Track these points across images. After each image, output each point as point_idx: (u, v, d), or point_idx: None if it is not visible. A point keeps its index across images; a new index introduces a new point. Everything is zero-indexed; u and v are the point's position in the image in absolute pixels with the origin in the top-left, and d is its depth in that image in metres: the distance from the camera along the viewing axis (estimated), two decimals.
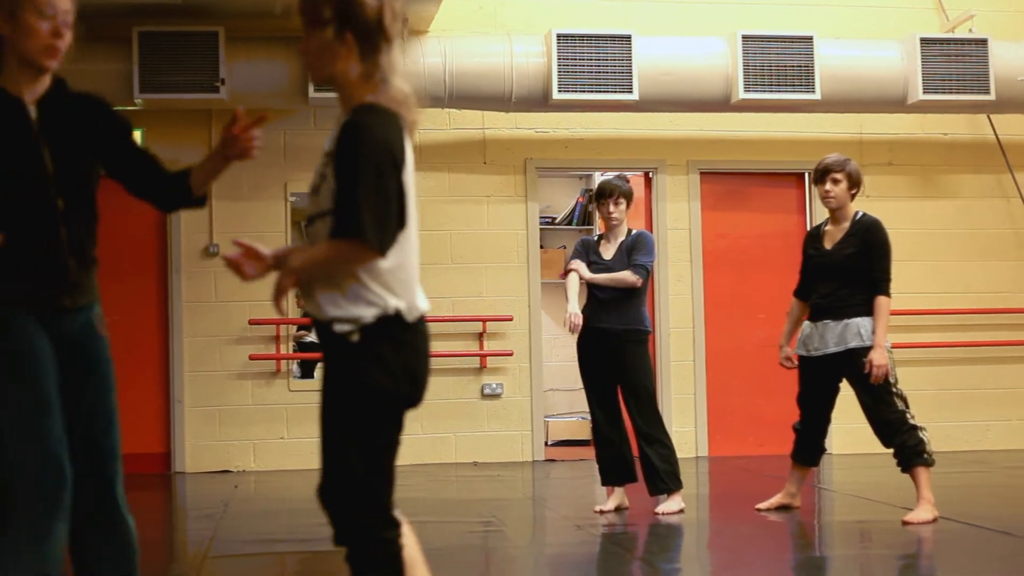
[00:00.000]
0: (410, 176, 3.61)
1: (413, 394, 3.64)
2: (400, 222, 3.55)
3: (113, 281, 11.48)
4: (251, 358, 11.55)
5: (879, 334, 7.65)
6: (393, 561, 3.63)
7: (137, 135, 11.58)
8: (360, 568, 3.61)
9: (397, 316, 3.55)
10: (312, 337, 12.22)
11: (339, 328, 3.52)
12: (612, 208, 8.30)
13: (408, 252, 3.60)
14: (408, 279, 3.60)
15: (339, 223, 3.48)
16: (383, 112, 3.57)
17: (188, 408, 11.53)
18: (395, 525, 3.65)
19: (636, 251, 8.26)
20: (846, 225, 7.94)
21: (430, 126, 11.85)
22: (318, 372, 12.11)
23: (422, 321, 3.64)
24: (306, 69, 3.77)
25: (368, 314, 3.52)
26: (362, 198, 3.45)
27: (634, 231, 8.43)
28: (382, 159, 3.49)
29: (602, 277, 8.27)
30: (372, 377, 3.52)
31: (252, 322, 11.55)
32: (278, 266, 3.63)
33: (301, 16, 3.65)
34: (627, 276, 8.21)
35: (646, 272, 8.24)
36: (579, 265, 8.33)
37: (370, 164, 3.47)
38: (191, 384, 11.55)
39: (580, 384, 8.65)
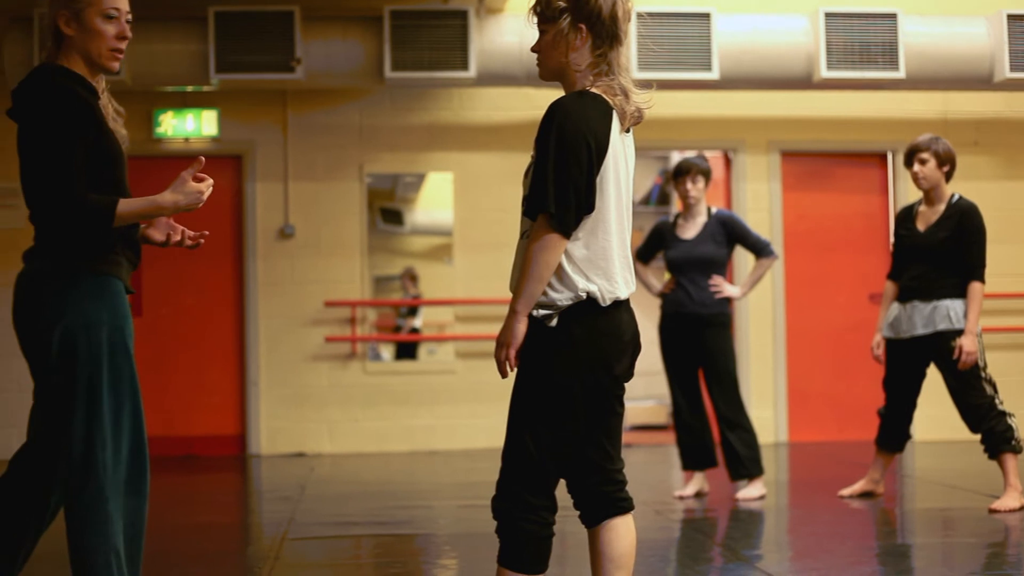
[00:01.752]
0: (614, 165, 3.72)
1: (604, 378, 3.73)
2: (584, 207, 3.66)
3: (189, 263, 11.52)
4: (327, 340, 11.52)
5: (971, 320, 7.47)
6: (523, 548, 3.79)
7: (213, 114, 11.61)
8: (500, 552, 3.81)
9: (591, 301, 3.68)
10: (413, 322, 12.19)
11: (537, 313, 3.67)
12: (690, 186, 8.17)
13: (606, 237, 3.71)
14: (606, 266, 3.70)
15: (529, 202, 3.70)
16: (591, 97, 3.72)
17: (263, 390, 11.52)
18: (536, 511, 3.77)
19: (744, 236, 8.18)
20: (941, 207, 7.72)
21: (505, 106, 11.75)
22: (387, 352, 12.08)
23: (621, 306, 3.74)
24: (538, 65, 3.88)
25: (563, 298, 3.66)
26: (549, 177, 3.62)
27: (714, 210, 8.29)
28: (575, 141, 3.63)
29: (748, 284, 8.26)
30: (558, 363, 3.67)
31: (328, 304, 11.51)
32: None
33: (534, 14, 3.82)
34: (767, 264, 8.14)
35: (771, 247, 8.14)
36: (730, 290, 8.16)
37: (562, 145, 3.63)
38: (266, 366, 11.53)
39: (657, 368, 8.55)
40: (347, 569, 6.08)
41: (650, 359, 12.51)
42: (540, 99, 11.70)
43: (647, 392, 13.55)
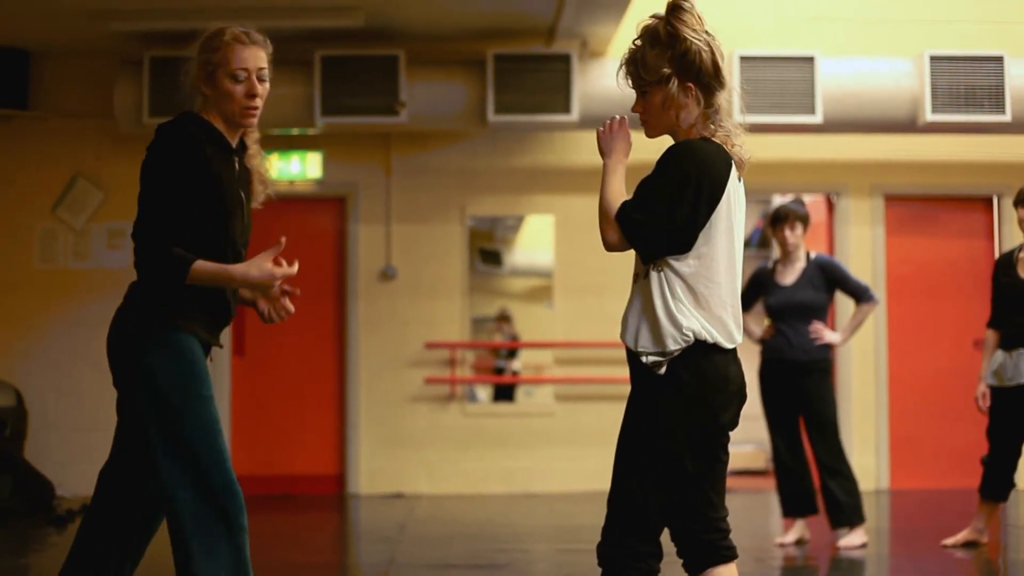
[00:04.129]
0: (727, 211, 3.72)
1: (710, 427, 3.72)
2: (677, 244, 3.69)
3: (292, 303, 11.63)
4: (427, 381, 11.57)
5: None
6: None
7: (318, 157, 11.76)
8: None
9: (700, 346, 3.66)
10: (513, 364, 12.23)
11: (647, 359, 3.67)
12: (788, 233, 8.14)
13: (716, 283, 3.70)
14: (718, 312, 3.69)
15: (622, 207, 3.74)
16: (714, 144, 3.75)
17: (363, 430, 11.59)
18: (643, 558, 3.73)
19: (844, 281, 8.14)
20: None
21: None
22: (483, 393, 12.10)
23: (729, 354, 3.73)
24: (644, 125, 3.92)
25: (672, 343, 3.65)
26: (649, 192, 3.70)
27: (813, 255, 8.25)
28: (694, 176, 3.66)
29: (848, 330, 8.20)
30: (666, 409, 3.67)
31: (428, 345, 11.57)
32: None
33: (634, 79, 3.87)
34: (867, 310, 8.08)
35: (871, 292, 8.08)
36: (831, 336, 8.12)
37: (680, 173, 3.67)
38: (366, 406, 11.61)
39: (757, 412, 8.47)
40: None
41: (750, 404, 12.43)
42: (641, 142, 11.69)
43: (746, 437, 13.41)
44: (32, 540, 8.80)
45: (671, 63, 3.75)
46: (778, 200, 12.19)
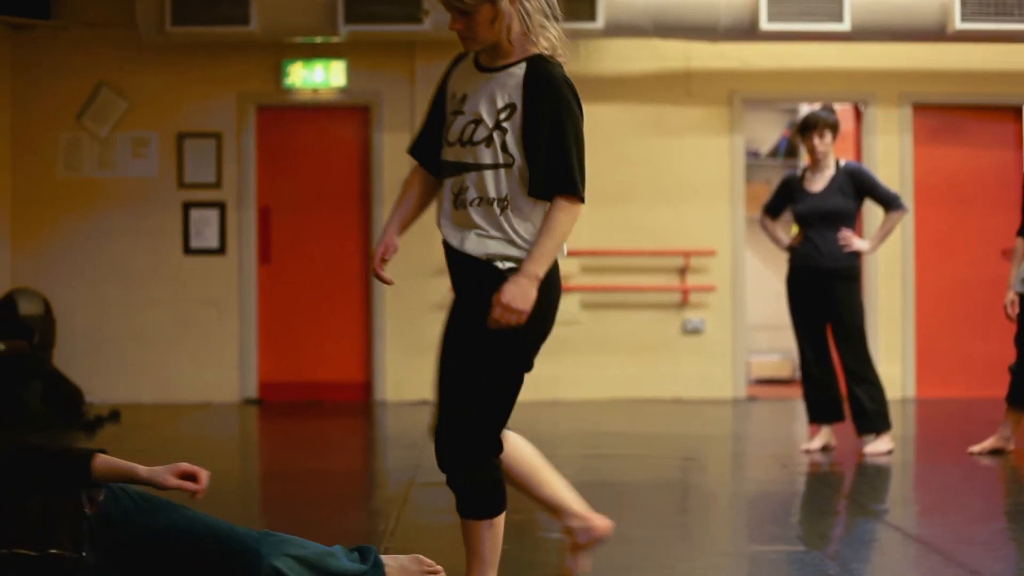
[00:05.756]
0: None
1: (551, 322, 3.91)
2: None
3: (317, 213, 11.66)
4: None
5: None
6: (498, 486, 3.91)
7: (341, 65, 11.70)
8: (472, 494, 3.89)
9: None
10: None
11: (502, 266, 3.76)
12: (817, 141, 8.07)
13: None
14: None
15: (552, 181, 3.73)
16: (560, 66, 3.79)
17: (389, 338, 11.63)
18: (498, 455, 3.92)
19: (873, 189, 8.06)
20: None
21: (632, 57, 11.69)
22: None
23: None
24: (466, 41, 3.83)
25: (520, 254, 3.76)
26: (573, 155, 3.73)
27: (842, 162, 8.19)
28: (579, 115, 3.77)
29: (877, 239, 8.14)
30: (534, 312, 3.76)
31: None
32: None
33: (457, 6, 3.72)
34: (896, 218, 8.03)
35: (901, 200, 8.04)
36: (859, 243, 8.07)
37: (574, 120, 3.74)
38: (392, 315, 11.63)
39: (782, 322, 8.49)
40: None
41: (775, 313, 12.42)
42: (667, 50, 11.63)
43: (771, 346, 13.46)
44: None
45: None
46: (805, 109, 12.10)
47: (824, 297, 8.06)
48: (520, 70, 3.78)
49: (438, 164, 3.93)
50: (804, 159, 9.18)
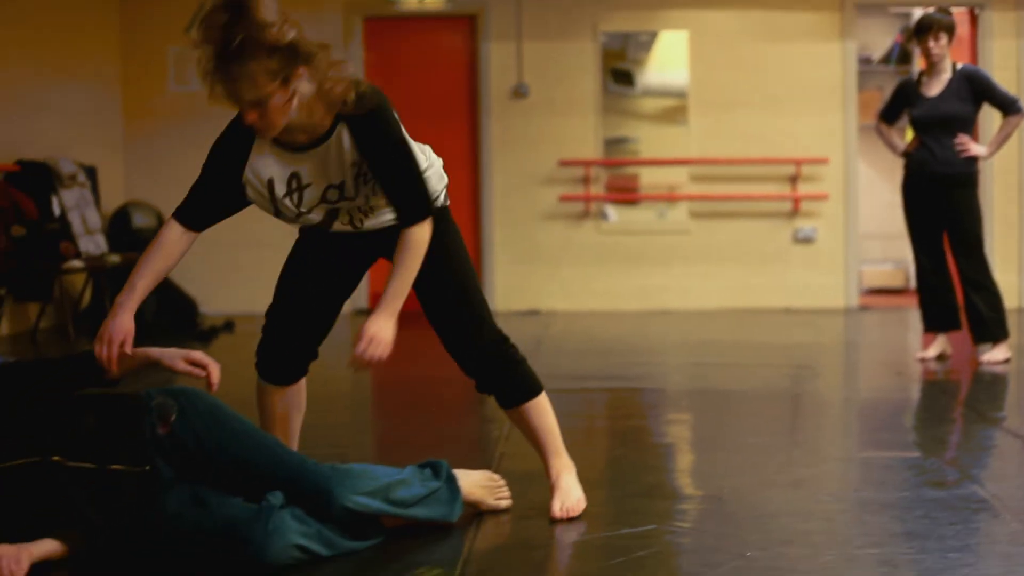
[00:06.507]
0: None
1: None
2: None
3: (425, 123, 11.62)
4: (561, 199, 11.55)
5: None
6: (527, 364, 4.23)
7: None
8: (515, 378, 4.13)
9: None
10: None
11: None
12: (932, 44, 7.87)
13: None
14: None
15: (410, 214, 3.84)
16: (369, 94, 3.71)
17: (498, 248, 11.64)
18: None
19: (991, 92, 7.85)
20: None
21: None
22: (620, 214, 12.04)
23: None
24: (265, 131, 3.64)
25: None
26: (417, 185, 3.83)
27: (959, 66, 7.99)
28: (401, 136, 3.81)
29: (995, 143, 7.95)
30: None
31: (562, 163, 11.53)
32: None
33: (241, 98, 3.54)
34: (1015, 123, 7.85)
35: (1020, 103, 7.85)
36: (976, 148, 7.90)
37: (404, 149, 3.79)
38: (501, 224, 11.63)
39: (896, 231, 8.35)
40: (582, 420, 6.12)
41: (889, 221, 12.25)
42: None
43: (885, 255, 13.29)
44: None
45: (281, 65, 3.49)
46: (918, 13, 11.83)
47: (941, 204, 7.91)
48: (341, 138, 3.72)
49: (205, 224, 3.94)
50: (919, 63, 9.00)
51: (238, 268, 11.50)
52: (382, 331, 3.78)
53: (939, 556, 3.55)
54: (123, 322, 3.66)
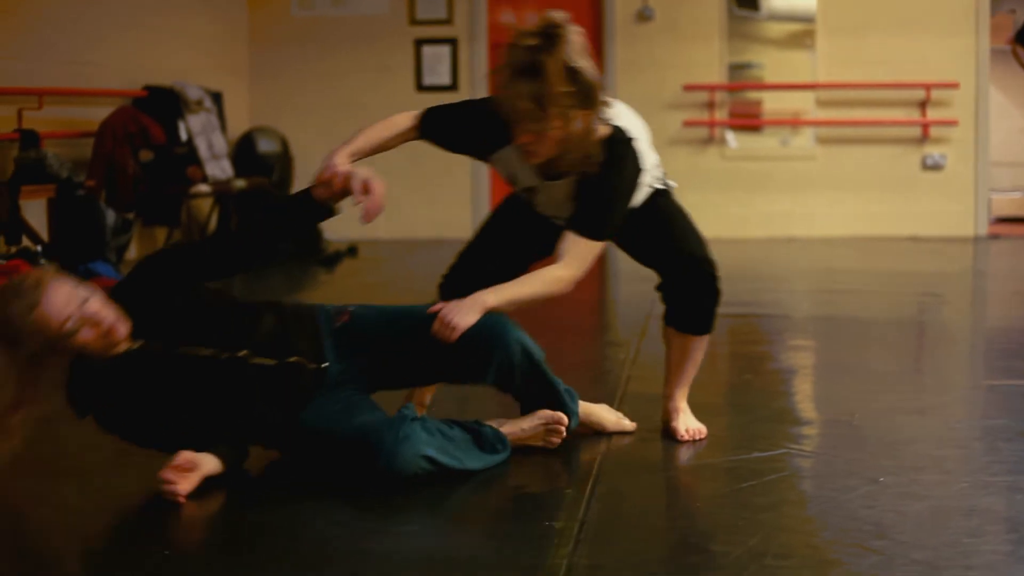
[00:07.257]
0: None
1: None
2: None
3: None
4: (685, 124, 11.46)
5: None
6: None
7: None
8: (713, 309, 4.16)
9: None
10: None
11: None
12: None
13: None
14: None
15: (583, 223, 3.79)
16: (615, 146, 3.73)
17: None
18: None
19: None
20: None
21: None
22: (741, 140, 11.92)
23: None
24: (532, 156, 3.70)
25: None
26: (609, 209, 3.80)
27: None
28: (635, 183, 3.83)
29: None
30: None
31: (686, 88, 11.43)
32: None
33: (523, 116, 3.57)
34: None
35: None
36: None
37: (629, 182, 3.81)
38: None
39: (1022, 160, 8.15)
40: (708, 346, 6.09)
41: (1020, 149, 12.00)
42: None
43: (1015, 183, 13.02)
44: (304, 279, 9.10)
45: (572, 103, 3.56)
46: None
47: None
48: (570, 181, 3.79)
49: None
50: None
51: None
52: (453, 313, 3.62)
53: None
54: (341, 157, 3.69)
